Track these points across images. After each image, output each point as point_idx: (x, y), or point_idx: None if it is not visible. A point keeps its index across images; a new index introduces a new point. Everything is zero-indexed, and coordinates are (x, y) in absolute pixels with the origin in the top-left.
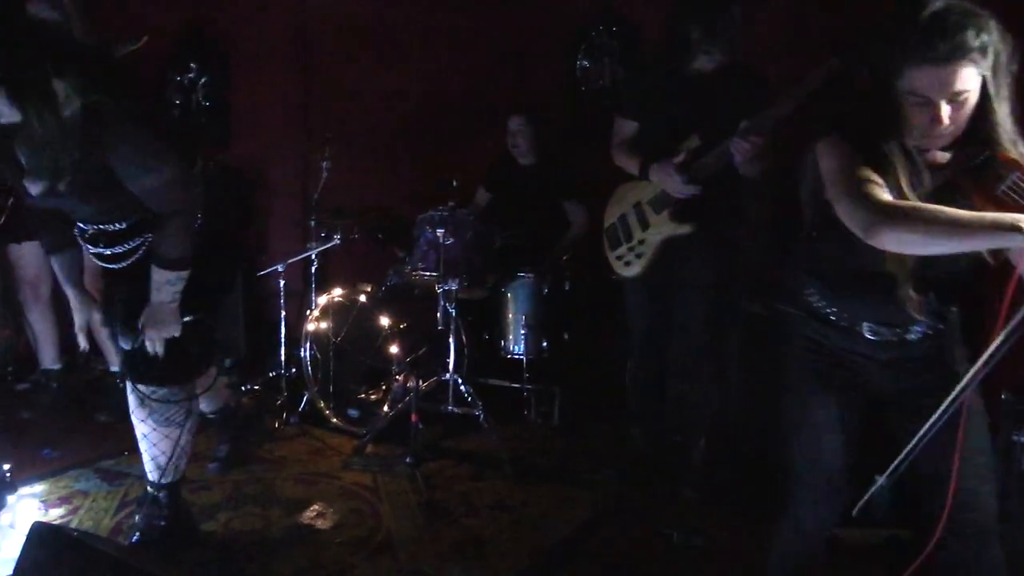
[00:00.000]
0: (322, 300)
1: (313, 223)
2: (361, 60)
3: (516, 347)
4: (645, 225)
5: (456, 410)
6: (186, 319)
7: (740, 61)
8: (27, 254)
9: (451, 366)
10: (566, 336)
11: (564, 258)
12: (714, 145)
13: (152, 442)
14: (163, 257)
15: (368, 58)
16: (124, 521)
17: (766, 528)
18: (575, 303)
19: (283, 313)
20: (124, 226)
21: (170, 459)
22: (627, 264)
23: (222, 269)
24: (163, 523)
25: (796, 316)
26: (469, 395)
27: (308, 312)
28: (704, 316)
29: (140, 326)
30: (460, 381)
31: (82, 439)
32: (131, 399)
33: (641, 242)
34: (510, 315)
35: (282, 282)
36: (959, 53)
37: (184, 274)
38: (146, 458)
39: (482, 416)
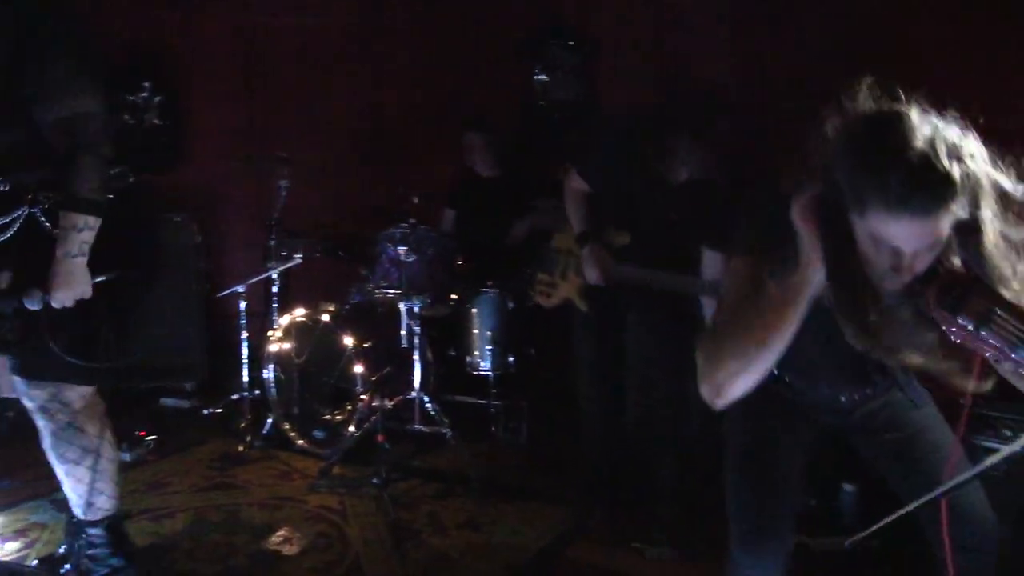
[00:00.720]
0: (284, 320)
1: (273, 243)
2: (312, 78)
3: (482, 363)
4: (564, 274)
5: (423, 428)
6: (98, 279)
7: (710, 175)
8: None
9: (417, 384)
10: (532, 351)
11: (528, 271)
12: (645, 253)
13: (68, 474)
14: (73, 196)
15: (319, 76)
16: (82, 555)
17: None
18: (541, 317)
19: (245, 334)
20: (6, 188)
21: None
22: (541, 293)
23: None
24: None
25: None
26: (436, 413)
27: (270, 333)
28: (655, 346)
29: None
30: (426, 399)
31: (38, 469)
32: (41, 430)
33: (554, 285)
34: (475, 331)
35: (243, 303)
36: (939, 203)
37: (94, 223)
38: (68, 493)
39: (449, 434)
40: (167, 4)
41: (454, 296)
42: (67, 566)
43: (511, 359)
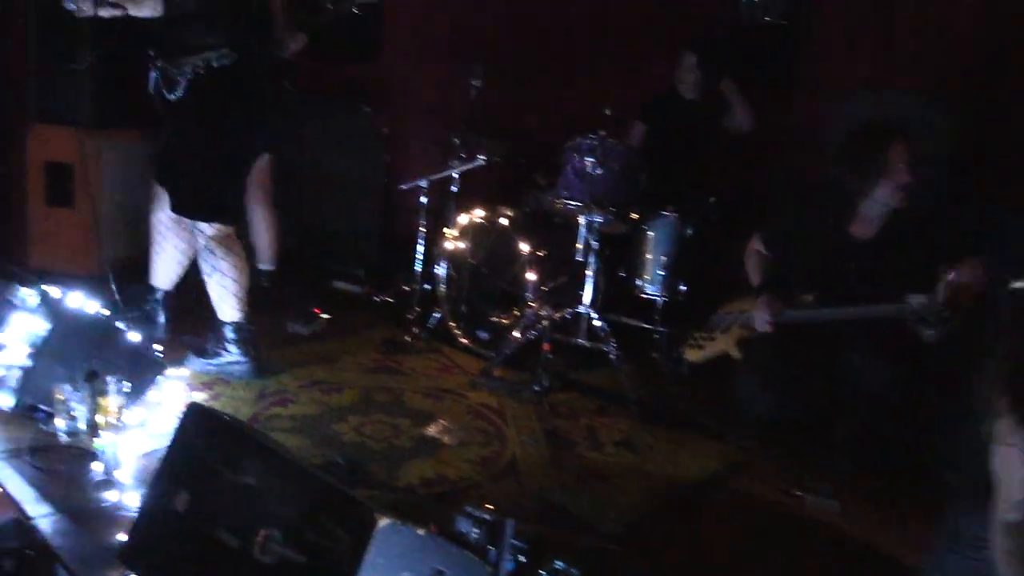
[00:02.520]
0: (463, 219)
1: (457, 142)
2: None
3: (652, 287)
4: (726, 329)
5: (586, 344)
6: None
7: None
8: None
9: (587, 299)
10: (705, 282)
11: (711, 200)
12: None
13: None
14: None
15: None
16: (262, 412)
17: (903, 511)
18: (717, 248)
19: (423, 229)
20: None
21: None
22: (692, 347)
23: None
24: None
25: None
26: (603, 330)
27: (447, 230)
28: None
29: None
30: (594, 315)
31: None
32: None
33: (710, 339)
34: (649, 254)
35: (424, 198)
36: None
37: None
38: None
39: (613, 352)
40: None
41: (634, 215)
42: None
43: (682, 287)
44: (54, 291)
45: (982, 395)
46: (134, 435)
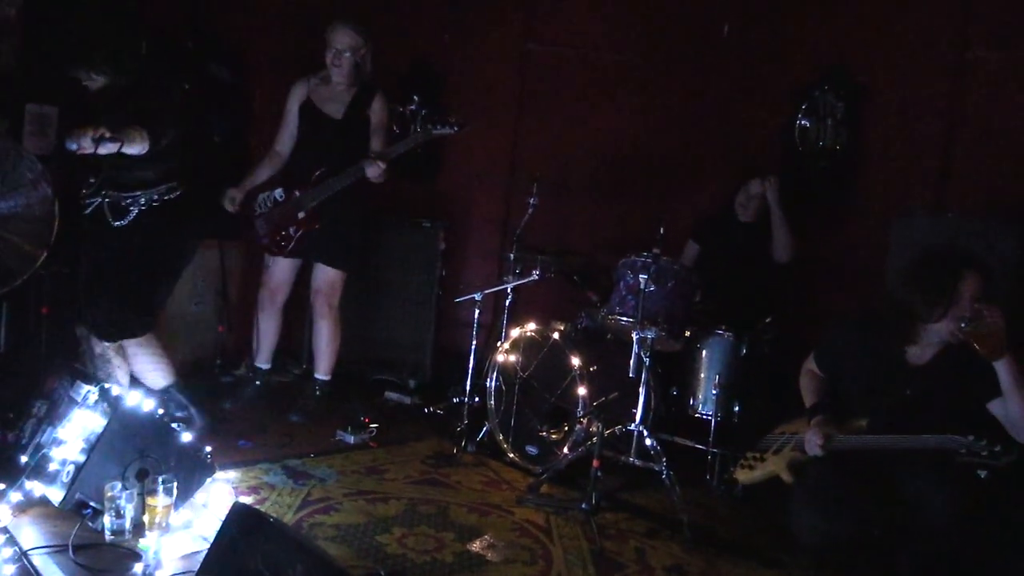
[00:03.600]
0: (514, 332)
1: (512, 257)
2: (574, 103)
3: (705, 407)
4: (778, 450)
5: (637, 462)
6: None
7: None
8: (280, 265)
9: (639, 417)
10: (759, 402)
11: (767, 320)
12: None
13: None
14: None
15: (581, 102)
16: (305, 519)
17: None
18: (772, 368)
19: (475, 342)
20: None
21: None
22: (743, 467)
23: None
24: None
25: None
26: (654, 449)
27: (499, 344)
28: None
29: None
30: (646, 433)
31: (272, 436)
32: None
33: (761, 460)
34: (703, 373)
35: (477, 311)
36: None
37: None
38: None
39: (665, 473)
40: (449, 25)
41: (687, 333)
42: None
43: (736, 408)
44: (115, 388)
45: None
46: (179, 536)
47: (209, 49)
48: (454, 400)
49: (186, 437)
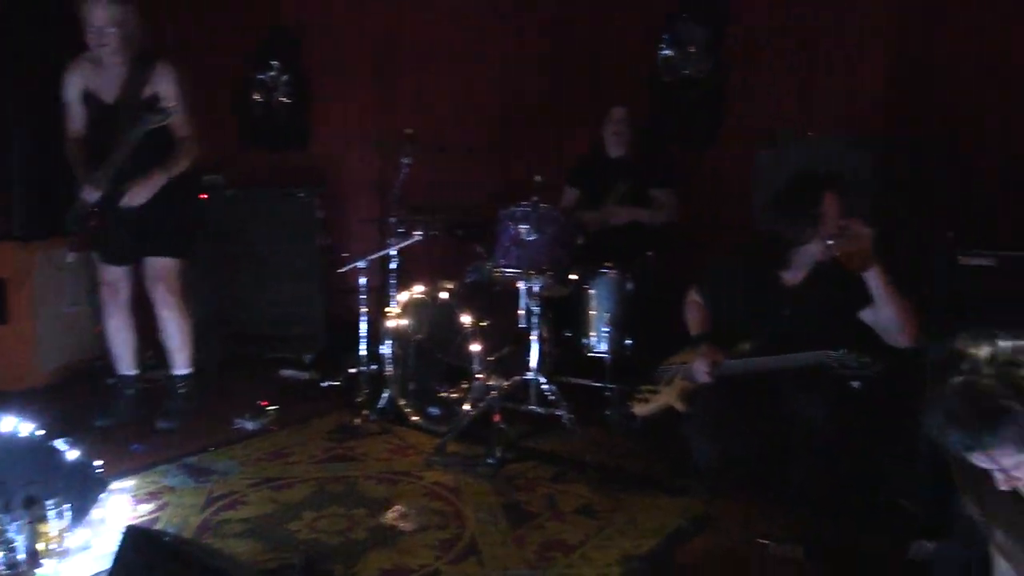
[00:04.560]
0: (403, 297)
1: (393, 220)
2: (441, 57)
3: (599, 346)
4: (670, 381)
5: (538, 409)
6: None
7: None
8: None
9: (534, 365)
10: (650, 335)
11: (649, 254)
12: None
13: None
14: None
15: (448, 55)
16: (211, 518)
17: (869, 545)
18: (661, 301)
19: (364, 310)
20: None
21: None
22: (639, 401)
23: None
24: None
25: None
26: (552, 395)
27: (388, 309)
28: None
29: None
30: (543, 380)
31: (166, 436)
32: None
33: (654, 392)
34: (593, 312)
35: (363, 279)
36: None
37: None
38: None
39: (565, 416)
40: None
41: (573, 276)
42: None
43: (628, 342)
44: None
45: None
46: (78, 559)
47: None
48: (351, 370)
49: (72, 455)
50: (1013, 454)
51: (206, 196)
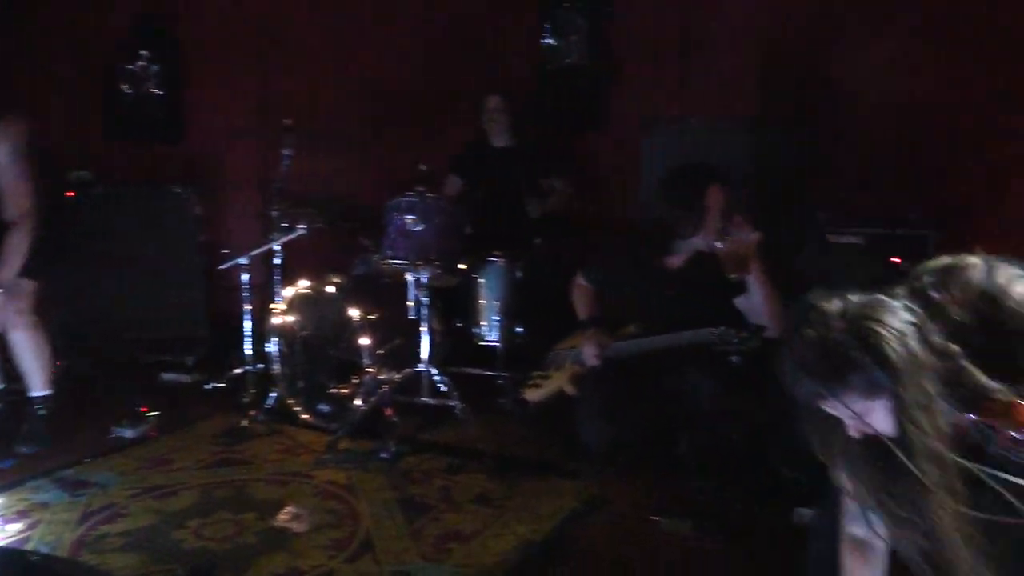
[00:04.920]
0: (288, 292)
1: (275, 214)
2: (322, 46)
3: (490, 334)
4: (560, 366)
5: (431, 401)
6: None
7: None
8: None
9: (424, 356)
10: (541, 321)
11: (537, 241)
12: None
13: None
14: None
15: (329, 44)
16: (88, 534)
17: (756, 514)
18: (550, 287)
19: (247, 307)
20: None
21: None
22: (530, 387)
23: None
24: None
25: None
26: (444, 385)
27: (273, 305)
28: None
29: None
30: (434, 371)
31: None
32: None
33: (546, 377)
34: (483, 301)
35: (246, 275)
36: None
37: None
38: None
39: (458, 406)
40: None
41: (462, 266)
42: None
43: (519, 329)
44: None
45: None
46: None
47: None
48: (236, 371)
49: None
50: (860, 402)
51: (73, 194)
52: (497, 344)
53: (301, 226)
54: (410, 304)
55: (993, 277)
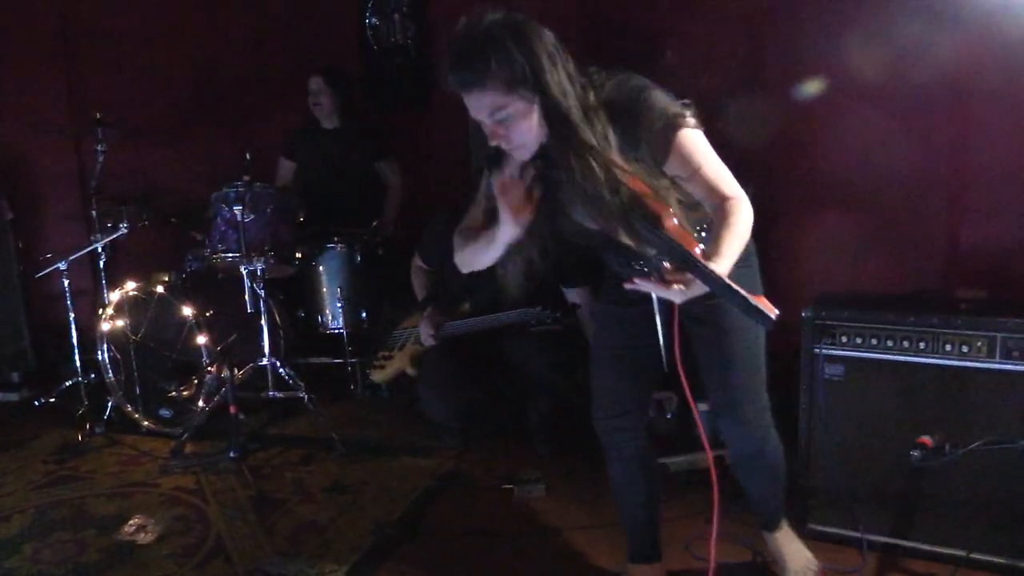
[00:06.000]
0: (115, 296)
1: (95, 213)
2: (131, 33)
3: (334, 321)
4: (403, 346)
5: (278, 394)
6: None
7: None
8: None
9: (267, 350)
10: (385, 304)
11: (374, 224)
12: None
13: None
14: None
15: (139, 30)
16: None
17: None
18: (391, 269)
19: (72, 315)
20: None
21: None
22: (375, 368)
23: None
24: None
25: None
26: (290, 377)
27: (101, 311)
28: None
29: None
30: (279, 364)
31: None
32: None
33: (389, 358)
34: (324, 289)
35: (66, 281)
36: (466, 84)
37: None
38: None
39: (306, 397)
40: None
41: (298, 255)
42: None
43: (363, 314)
44: None
45: None
46: None
47: None
48: (67, 383)
49: None
50: (501, 95)
51: None
52: (342, 331)
53: (124, 225)
54: (247, 298)
55: (645, 83)
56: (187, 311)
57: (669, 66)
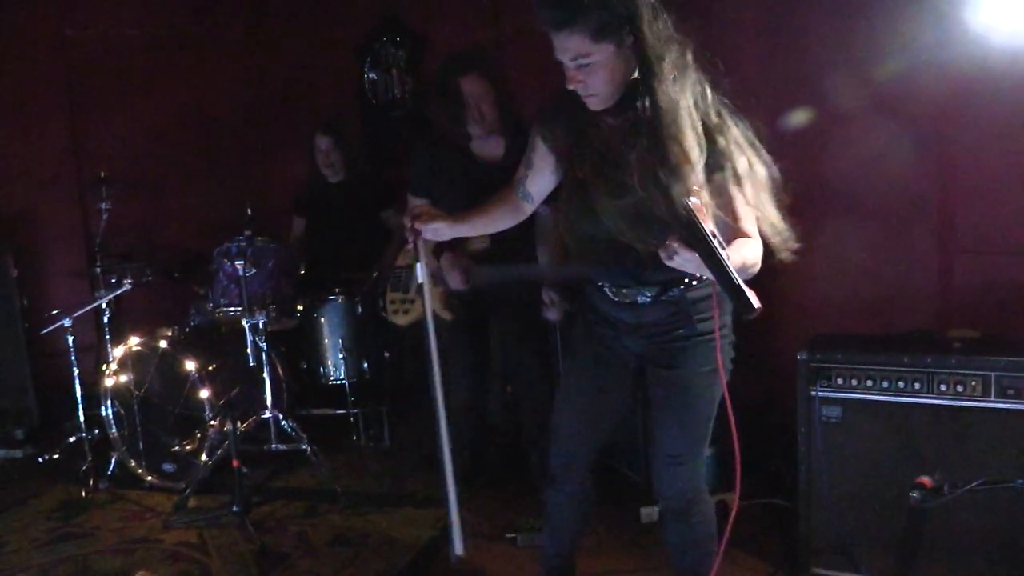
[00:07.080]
0: (118, 352)
1: (99, 270)
2: (134, 89)
3: (337, 373)
4: (420, 290)
5: (281, 447)
6: None
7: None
8: None
9: (269, 402)
10: (387, 354)
11: (373, 275)
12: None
13: None
14: None
15: (141, 87)
16: None
17: (608, 517)
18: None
19: (76, 371)
20: None
21: None
22: (396, 312)
23: None
24: None
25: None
26: (292, 430)
27: (104, 366)
28: (521, 340)
29: None
30: (281, 417)
31: None
32: None
33: (411, 301)
34: (326, 340)
35: (71, 337)
36: (555, 22)
37: None
38: None
39: (309, 449)
40: None
41: (300, 307)
42: None
43: (365, 365)
44: None
45: None
46: None
47: None
48: (71, 439)
49: None
50: (588, 42)
51: None
52: (344, 382)
53: (127, 281)
54: (249, 351)
55: None
56: (190, 365)
57: None
